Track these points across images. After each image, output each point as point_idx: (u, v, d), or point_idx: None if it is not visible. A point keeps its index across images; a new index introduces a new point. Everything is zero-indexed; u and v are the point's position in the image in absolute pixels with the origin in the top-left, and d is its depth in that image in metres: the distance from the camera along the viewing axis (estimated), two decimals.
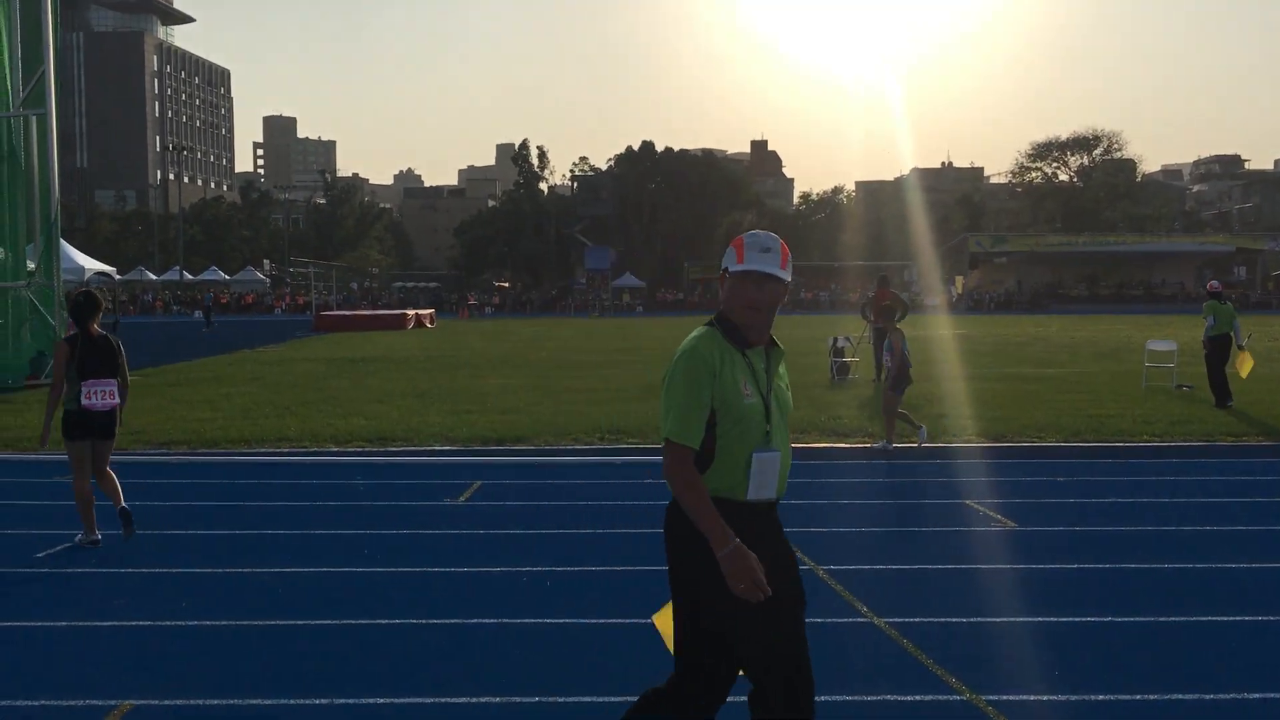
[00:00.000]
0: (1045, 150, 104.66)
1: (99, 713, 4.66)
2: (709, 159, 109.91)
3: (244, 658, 5.39)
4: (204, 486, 10.28)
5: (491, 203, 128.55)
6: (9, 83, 20.43)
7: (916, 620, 5.94)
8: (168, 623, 5.96)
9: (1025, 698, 4.83)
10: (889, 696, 4.83)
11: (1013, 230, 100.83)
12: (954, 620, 5.97)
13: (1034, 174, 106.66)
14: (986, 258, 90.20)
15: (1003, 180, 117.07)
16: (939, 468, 11.06)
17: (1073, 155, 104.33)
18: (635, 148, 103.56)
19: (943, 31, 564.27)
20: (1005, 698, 4.82)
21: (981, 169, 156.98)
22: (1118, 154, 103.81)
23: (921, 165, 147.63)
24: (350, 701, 4.80)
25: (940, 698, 4.83)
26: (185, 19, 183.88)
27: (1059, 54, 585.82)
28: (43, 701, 4.76)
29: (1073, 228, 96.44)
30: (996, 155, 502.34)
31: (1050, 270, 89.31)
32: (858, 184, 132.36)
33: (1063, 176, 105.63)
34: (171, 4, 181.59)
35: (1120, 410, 14.82)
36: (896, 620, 5.93)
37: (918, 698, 4.82)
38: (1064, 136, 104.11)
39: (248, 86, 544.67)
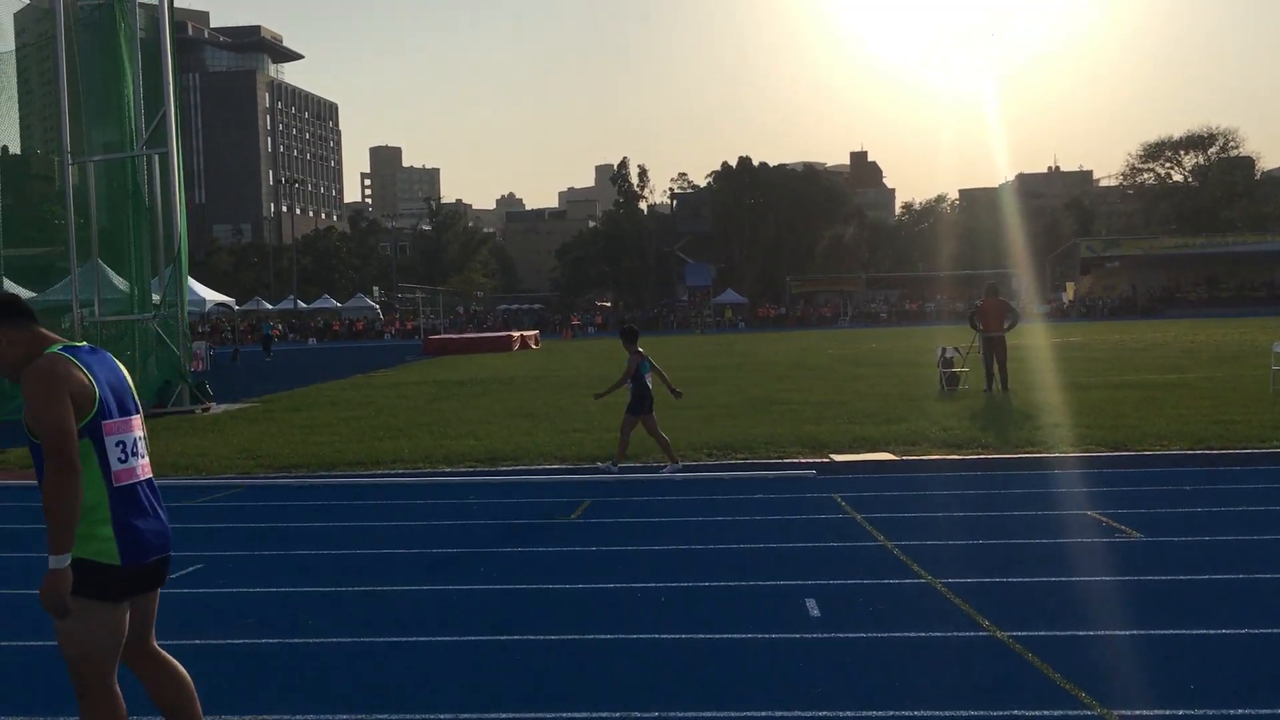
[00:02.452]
0: (1157, 150, 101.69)
1: None
2: (808, 172, 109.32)
3: (369, 674, 5.51)
4: (323, 508, 10.56)
5: (592, 223, 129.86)
6: (133, 124, 21.40)
7: (1041, 634, 5.79)
8: (295, 640, 6.13)
9: (1160, 712, 4.67)
10: (1017, 711, 4.71)
11: (1125, 234, 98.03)
12: (1080, 634, 5.80)
13: (1146, 175, 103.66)
14: (1098, 262, 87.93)
15: (1113, 183, 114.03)
16: (1059, 478, 10.79)
17: (1186, 154, 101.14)
18: (733, 163, 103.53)
19: (1047, 32, 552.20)
20: (1139, 713, 4.67)
21: (1090, 172, 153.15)
22: (1234, 151, 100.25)
23: (1027, 170, 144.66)
24: (472, 717, 4.87)
25: (1071, 713, 4.69)
26: (294, 56, 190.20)
27: (1167, 51, 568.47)
28: None
29: (1189, 229, 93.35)
30: (1105, 158, 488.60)
31: (1166, 273, 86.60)
32: (960, 192, 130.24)
33: (1176, 177, 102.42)
34: (281, 42, 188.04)
35: (1247, 416, 14.27)
36: (1020, 634, 5.79)
37: (1046, 713, 4.70)
38: (1176, 135, 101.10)
39: (354, 119, 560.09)
